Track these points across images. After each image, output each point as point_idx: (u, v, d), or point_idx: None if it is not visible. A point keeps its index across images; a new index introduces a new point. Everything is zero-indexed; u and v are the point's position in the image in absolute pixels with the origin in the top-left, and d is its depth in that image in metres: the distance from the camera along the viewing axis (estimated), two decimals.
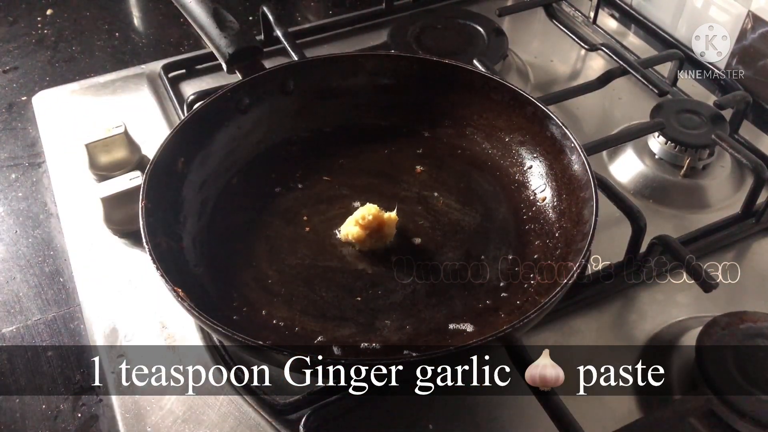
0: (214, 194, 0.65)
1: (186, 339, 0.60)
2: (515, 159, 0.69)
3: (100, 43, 0.98)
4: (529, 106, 0.67)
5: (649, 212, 0.64)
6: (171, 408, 0.56)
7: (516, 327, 0.49)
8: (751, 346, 0.55)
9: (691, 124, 0.77)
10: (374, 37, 0.95)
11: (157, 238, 0.54)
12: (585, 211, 0.58)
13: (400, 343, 0.55)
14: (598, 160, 0.77)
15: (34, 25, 1.01)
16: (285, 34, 0.86)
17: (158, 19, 1.04)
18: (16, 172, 0.78)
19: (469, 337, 0.55)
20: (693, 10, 0.91)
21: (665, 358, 0.59)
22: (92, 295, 0.64)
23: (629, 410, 0.56)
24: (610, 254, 0.64)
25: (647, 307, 0.64)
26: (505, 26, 0.95)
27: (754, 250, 0.70)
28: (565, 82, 0.91)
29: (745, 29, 0.84)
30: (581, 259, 0.53)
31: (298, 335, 0.55)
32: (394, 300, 0.58)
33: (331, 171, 0.69)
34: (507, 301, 0.58)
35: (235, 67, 0.70)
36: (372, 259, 0.61)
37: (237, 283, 0.59)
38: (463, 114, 0.72)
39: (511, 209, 0.66)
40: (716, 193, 0.75)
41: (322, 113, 0.73)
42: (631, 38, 0.98)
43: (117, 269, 0.66)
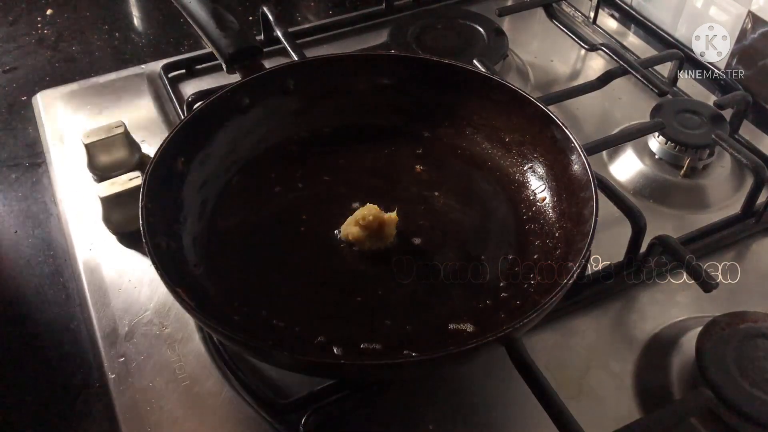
0: (214, 194, 0.65)
1: (186, 339, 0.60)
2: (515, 159, 0.69)
3: (100, 43, 0.98)
4: (529, 106, 0.67)
5: (649, 212, 0.64)
6: (171, 408, 0.56)
7: (516, 327, 0.49)
8: (751, 346, 0.55)
9: (691, 124, 0.77)
10: (374, 37, 0.95)
11: (157, 238, 0.54)
12: (585, 211, 0.58)
13: (400, 343, 0.55)
14: (598, 160, 0.77)
15: (34, 25, 1.01)
16: (285, 34, 0.86)
17: (158, 19, 1.04)
18: (16, 172, 0.78)
19: (469, 337, 0.55)
20: (693, 10, 0.91)
21: (665, 358, 0.59)
22: (92, 295, 0.64)
23: (629, 410, 0.56)
24: (610, 254, 0.64)
25: (647, 307, 0.64)
26: (505, 26, 0.95)
27: (754, 250, 0.70)
28: (565, 82, 0.91)
29: (745, 29, 0.84)
30: (581, 259, 0.53)
31: (298, 335, 0.55)
32: (394, 300, 0.58)
33: (331, 171, 0.69)
34: (507, 301, 0.58)
35: (235, 67, 0.70)
36: (372, 259, 0.61)
37: (237, 283, 0.59)
38: (463, 114, 0.72)
39: (511, 209, 0.66)
40: (716, 193, 0.75)
41: (322, 113, 0.73)
42: (631, 38, 0.98)
43: (117, 269, 0.66)
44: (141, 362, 0.59)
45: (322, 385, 0.55)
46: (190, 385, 0.57)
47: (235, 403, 0.56)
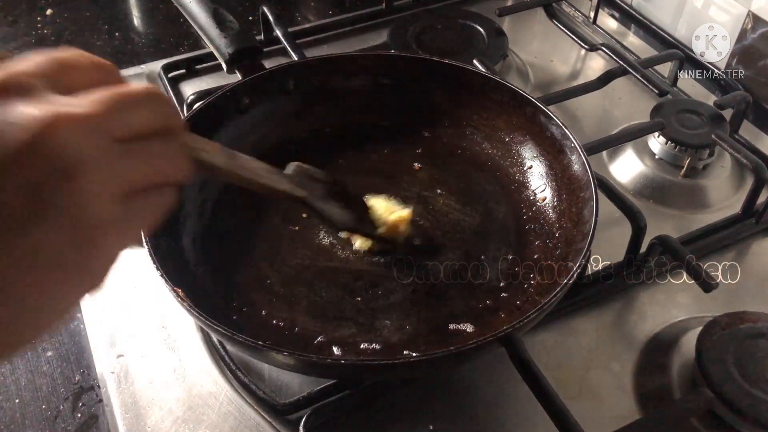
0: (214, 194, 0.65)
1: (186, 339, 0.60)
2: (515, 159, 0.69)
3: (100, 43, 0.98)
4: (529, 106, 0.67)
5: (649, 212, 0.64)
6: (171, 408, 0.56)
7: (516, 327, 0.49)
8: (751, 346, 0.55)
9: (691, 124, 0.77)
10: (374, 37, 0.95)
11: (157, 238, 0.54)
12: (585, 211, 0.58)
13: (400, 343, 0.55)
14: (598, 160, 0.77)
15: (34, 25, 1.01)
16: (285, 34, 0.86)
17: (158, 19, 1.04)
18: None
19: (469, 337, 0.55)
20: (693, 10, 0.91)
21: (665, 358, 0.59)
22: (92, 295, 0.64)
23: (629, 410, 0.56)
24: (610, 254, 0.64)
25: (647, 307, 0.64)
26: (505, 26, 0.95)
27: (754, 250, 0.70)
28: (565, 82, 0.91)
29: (745, 29, 0.84)
30: (581, 259, 0.53)
31: (298, 335, 0.55)
32: (394, 300, 0.58)
33: (331, 171, 0.69)
34: (507, 301, 0.58)
35: (235, 67, 0.70)
36: (372, 259, 0.61)
37: (237, 283, 0.59)
38: (463, 114, 0.72)
39: (511, 209, 0.66)
40: (716, 193, 0.75)
41: (322, 113, 0.73)
42: (631, 38, 0.98)
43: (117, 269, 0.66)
44: (141, 362, 0.59)
45: (322, 385, 0.55)
46: (190, 385, 0.57)
47: (235, 403, 0.56)
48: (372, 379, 0.56)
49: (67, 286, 0.31)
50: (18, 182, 0.28)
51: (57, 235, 0.29)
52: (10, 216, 0.28)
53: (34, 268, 0.29)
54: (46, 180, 0.28)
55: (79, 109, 0.29)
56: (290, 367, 0.51)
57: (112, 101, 0.31)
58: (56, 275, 0.30)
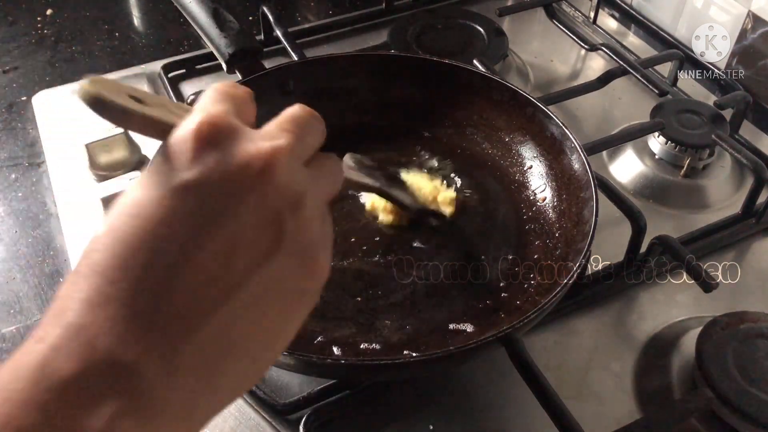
0: None
1: None
2: (515, 159, 0.69)
3: (100, 43, 0.98)
4: (529, 106, 0.67)
5: (649, 212, 0.64)
6: None
7: (516, 327, 0.49)
8: (751, 346, 0.55)
9: (691, 124, 0.77)
10: (374, 37, 0.95)
11: None
12: (585, 211, 0.58)
13: (400, 343, 0.55)
14: (598, 160, 0.77)
15: (34, 25, 1.01)
16: (285, 34, 0.86)
17: (158, 19, 1.04)
18: (16, 172, 0.78)
19: (469, 337, 0.55)
20: (693, 10, 0.91)
21: (665, 358, 0.59)
22: None
23: (629, 410, 0.56)
24: (610, 254, 0.64)
25: (647, 307, 0.64)
26: (505, 26, 0.95)
27: (754, 250, 0.70)
28: (565, 82, 0.91)
29: (745, 29, 0.84)
30: (581, 259, 0.53)
31: (297, 335, 0.55)
32: (394, 300, 0.58)
33: None
34: (507, 301, 0.58)
35: (235, 67, 0.70)
36: (372, 259, 0.61)
37: None
38: (463, 114, 0.72)
39: (511, 209, 0.66)
40: (716, 193, 0.75)
41: (321, 113, 0.72)
42: (631, 38, 0.98)
43: None
44: None
45: (322, 385, 0.55)
46: None
47: (235, 403, 0.56)
48: (372, 379, 0.56)
49: (305, 310, 0.33)
50: (258, 216, 0.29)
51: (290, 262, 0.30)
52: (253, 248, 0.29)
53: (281, 299, 0.31)
54: (281, 210, 0.30)
55: (282, 141, 0.31)
56: (290, 367, 0.51)
57: (298, 128, 0.33)
58: (295, 302, 0.32)
